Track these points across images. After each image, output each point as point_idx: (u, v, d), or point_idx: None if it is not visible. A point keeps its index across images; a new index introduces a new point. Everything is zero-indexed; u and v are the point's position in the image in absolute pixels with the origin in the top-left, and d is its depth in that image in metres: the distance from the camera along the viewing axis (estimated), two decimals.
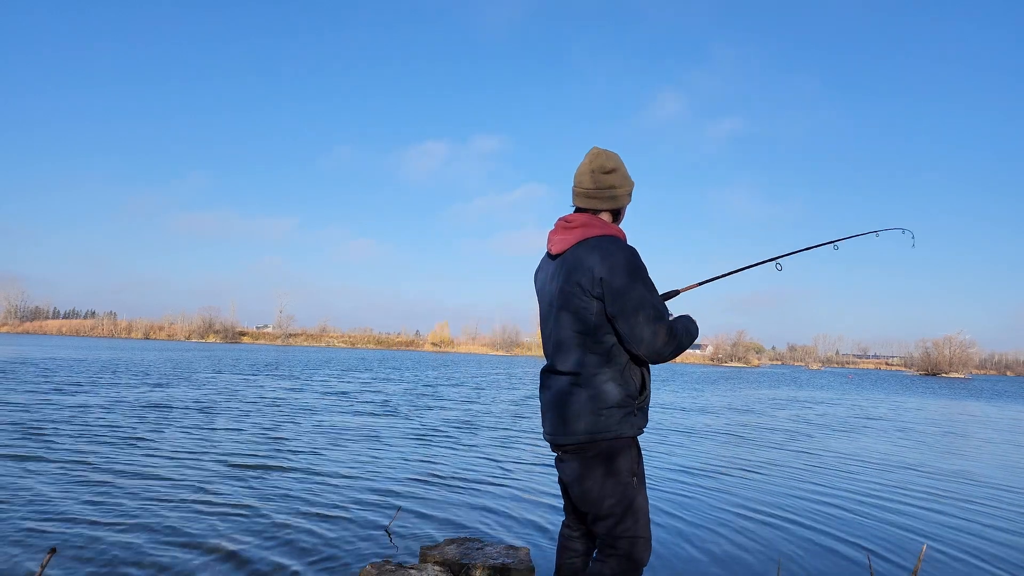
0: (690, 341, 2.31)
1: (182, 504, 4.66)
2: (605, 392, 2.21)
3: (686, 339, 2.28)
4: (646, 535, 2.28)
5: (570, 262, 2.28)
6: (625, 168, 2.43)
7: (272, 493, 5.15)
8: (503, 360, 70.52)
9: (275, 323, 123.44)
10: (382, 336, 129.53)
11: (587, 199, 2.38)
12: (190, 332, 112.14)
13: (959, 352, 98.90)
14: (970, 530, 5.08)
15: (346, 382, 19.96)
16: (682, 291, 2.70)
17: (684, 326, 2.30)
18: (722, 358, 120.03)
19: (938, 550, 4.46)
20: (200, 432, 8.18)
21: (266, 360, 35.08)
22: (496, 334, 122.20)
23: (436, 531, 4.34)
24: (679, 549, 4.18)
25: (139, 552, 3.63)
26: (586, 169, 2.39)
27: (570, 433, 2.24)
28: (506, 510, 4.99)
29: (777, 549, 4.27)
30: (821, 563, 4.04)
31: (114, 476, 5.44)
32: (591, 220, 2.33)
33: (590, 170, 2.38)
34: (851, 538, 4.63)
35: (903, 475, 7.56)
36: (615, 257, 2.20)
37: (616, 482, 2.22)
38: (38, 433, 7.45)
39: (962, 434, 13.27)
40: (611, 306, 2.19)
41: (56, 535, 3.84)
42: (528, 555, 3.50)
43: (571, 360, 2.27)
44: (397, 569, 3.16)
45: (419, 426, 9.99)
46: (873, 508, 5.65)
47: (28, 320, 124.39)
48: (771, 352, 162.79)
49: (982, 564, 4.20)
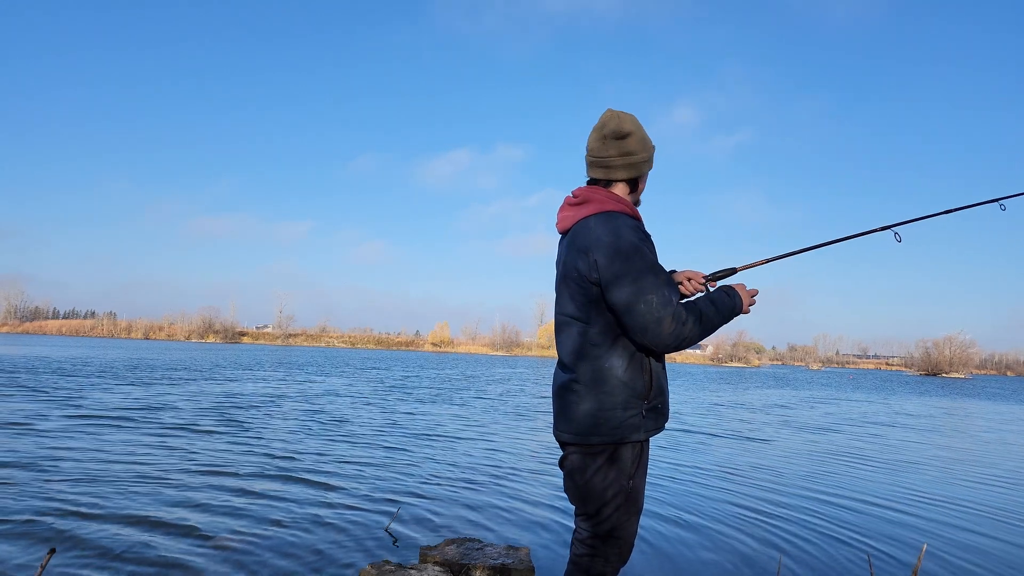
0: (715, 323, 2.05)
1: (181, 504, 4.66)
2: (612, 391, 2.06)
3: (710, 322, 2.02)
4: (631, 538, 2.20)
5: (573, 242, 2.10)
6: (644, 130, 2.15)
7: (271, 493, 5.14)
8: (503, 360, 70.49)
9: (275, 323, 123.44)
10: (382, 336, 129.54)
11: (600, 168, 2.13)
12: (190, 332, 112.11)
13: (959, 352, 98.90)
14: (970, 529, 5.07)
15: (345, 382, 19.97)
16: (740, 269, 2.35)
17: (702, 309, 2.04)
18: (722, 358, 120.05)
19: (938, 549, 4.46)
20: (199, 432, 8.17)
21: (264, 360, 35.10)
22: (496, 334, 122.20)
23: (436, 531, 4.33)
24: (679, 546, 4.18)
25: (138, 552, 3.63)
26: (600, 134, 2.12)
27: (570, 430, 2.14)
28: (506, 510, 4.99)
29: (777, 547, 4.27)
30: (821, 562, 4.04)
31: (113, 476, 5.44)
32: (595, 194, 2.12)
33: (602, 135, 2.11)
34: (851, 537, 4.63)
35: (903, 474, 7.56)
36: (612, 237, 1.99)
37: (614, 482, 2.13)
38: (39, 433, 7.45)
39: (962, 434, 13.28)
40: (609, 293, 1.99)
41: (56, 535, 3.84)
42: (528, 555, 3.49)
43: (573, 351, 2.13)
44: (397, 569, 3.16)
45: (419, 426, 9.98)
46: (873, 507, 5.65)
47: (28, 320, 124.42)
48: (771, 352, 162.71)
49: (982, 564, 4.20)
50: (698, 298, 2.14)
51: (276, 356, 44.64)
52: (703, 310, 2.06)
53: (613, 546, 2.20)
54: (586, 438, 2.11)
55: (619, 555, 2.22)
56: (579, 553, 2.25)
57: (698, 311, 2.04)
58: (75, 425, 8.29)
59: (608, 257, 1.99)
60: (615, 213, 2.08)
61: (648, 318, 1.96)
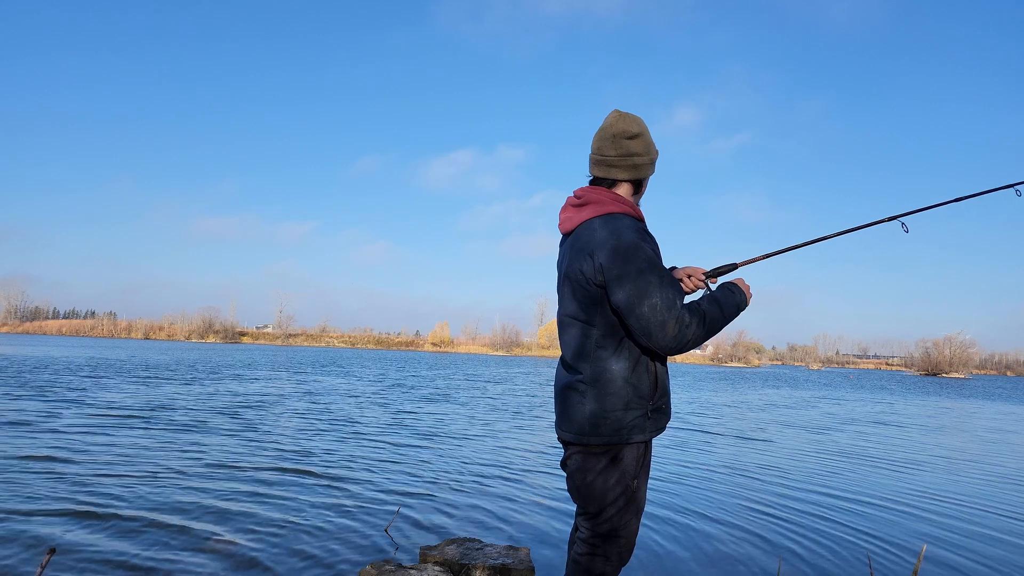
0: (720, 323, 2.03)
1: (180, 504, 4.65)
2: (613, 392, 2.05)
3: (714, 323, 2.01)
4: (632, 537, 2.21)
5: (576, 244, 2.10)
6: (649, 134, 2.16)
7: (271, 493, 5.14)
8: (503, 360, 70.48)
9: (275, 323, 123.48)
10: (382, 336, 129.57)
11: (606, 167, 2.14)
12: (190, 332, 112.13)
13: (959, 352, 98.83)
14: (970, 530, 5.06)
15: (347, 381, 19.96)
16: (741, 264, 2.35)
17: (705, 310, 2.03)
18: (722, 358, 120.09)
19: (938, 549, 4.45)
20: (197, 432, 8.17)
21: (265, 360, 35.08)
22: (496, 334, 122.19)
23: (436, 531, 4.33)
24: (679, 546, 4.17)
25: (138, 552, 3.62)
26: (607, 133, 2.13)
27: (571, 430, 2.14)
28: (506, 510, 4.98)
29: (778, 547, 4.26)
30: (821, 561, 4.03)
31: (112, 476, 5.43)
32: (600, 195, 2.11)
33: (611, 134, 2.12)
34: (851, 536, 4.62)
35: (903, 474, 7.55)
36: (615, 238, 1.99)
37: (616, 482, 2.12)
38: (38, 433, 7.44)
39: (962, 433, 13.27)
40: (613, 295, 1.99)
41: (55, 535, 3.83)
42: (528, 555, 3.49)
43: (576, 352, 2.13)
44: (397, 569, 3.16)
45: (418, 426, 9.98)
46: (873, 507, 5.64)
47: (28, 320, 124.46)
48: (771, 352, 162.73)
49: (982, 564, 4.19)
50: (702, 298, 2.12)
51: (277, 356, 44.64)
52: (707, 311, 2.04)
53: (614, 546, 2.20)
54: (587, 439, 2.11)
55: (620, 555, 2.22)
56: (580, 552, 2.25)
57: (701, 312, 2.04)
58: (88, 423, 8.36)
59: (610, 258, 1.98)
60: (618, 214, 2.08)
61: (651, 321, 1.95)
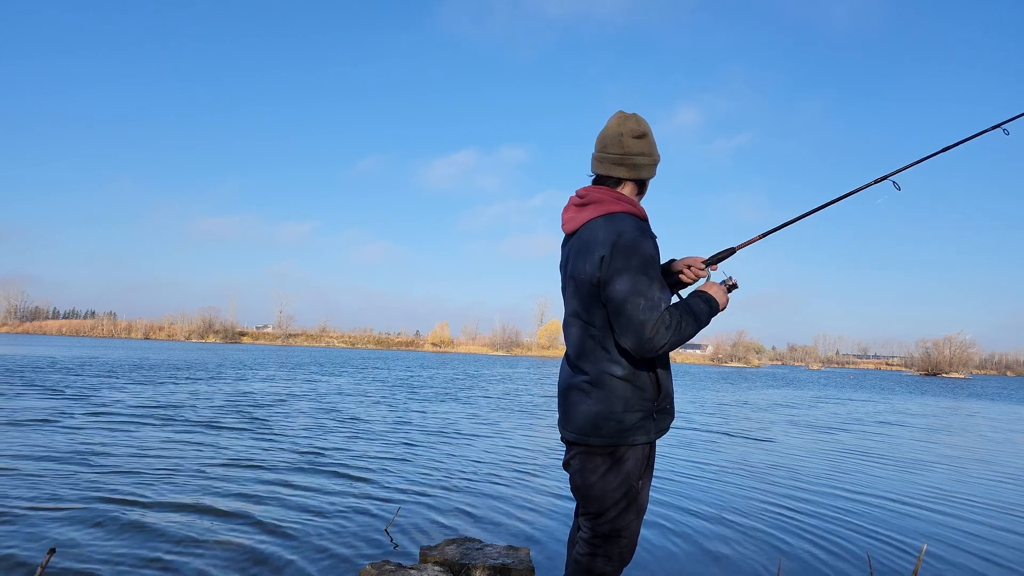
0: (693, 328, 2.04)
1: (181, 504, 4.65)
2: (615, 393, 2.05)
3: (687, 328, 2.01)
4: (634, 538, 2.21)
5: (579, 244, 2.10)
6: (653, 137, 2.18)
7: (271, 493, 5.14)
8: (503, 360, 70.47)
9: (275, 323, 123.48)
10: (382, 336, 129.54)
11: (612, 165, 2.14)
12: (190, 332, 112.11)
13: (959, 352, 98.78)
14: (970, 529, 5.06)
15: (349, 381, 19.96)
16: (739, 248, 2.32)
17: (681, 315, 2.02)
18: (722, 358, 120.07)
19: (938, 549, 4.45)
20: (197, 432, 8.17)
21: (266, 359, 35.07)
22: (496, 334, 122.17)
23: (436, 531, 4.33)
24: (679, 546, 4.17)
25: (138, 552, 3.62)
26: (614, 132, 2.13)
27: (574, 430, 2.14)
28: (506, 510, 4.98)
29: (777, 547, 4.26)
30: (821, 561, 4.03)
31: (112, 476, 5.44)
32: (603, 194, 2.12)
33: (619, 133, 2.12)
34: (851, 536, 4.62)
35: (903, 473, 7.55)
36: (616, 236, 2.00)
37: (618, 484, 2.12)
38: (37, 432, 7.44)
39: (962, 433, 13.26)
40: (604, 289, 2.01)
41: (55, 535, 3.83)
42: (528, 555, 3.49)
43: (580, 351, 2.12)
44: (397, 569, 3.16)
45: (418, 426, 9.98)
46: (873, 507, 5.63)
47: (28, 320, 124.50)
48: (771, 352, 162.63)
49: (982, 564, 4.19)
50: (679, 303, 2.11)
51: (277, 356, 44.64)
52: (687, 316, 2.04)
53: (615, 546, 2.20)
54: (589, 439, 2.11)
55: (621, 555, 2.22)
56: (581, 552, 2.25)
57: (681, 316, 2.02)
58: (98, 422, 8.43)
59: (609, 254, 2.00)
60: (620, 213, 2.08)
61: (632, 319, 1.96)
